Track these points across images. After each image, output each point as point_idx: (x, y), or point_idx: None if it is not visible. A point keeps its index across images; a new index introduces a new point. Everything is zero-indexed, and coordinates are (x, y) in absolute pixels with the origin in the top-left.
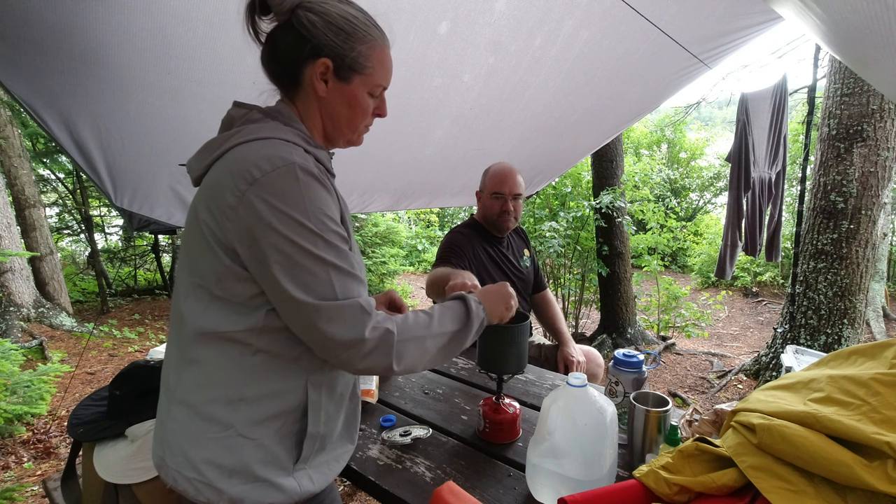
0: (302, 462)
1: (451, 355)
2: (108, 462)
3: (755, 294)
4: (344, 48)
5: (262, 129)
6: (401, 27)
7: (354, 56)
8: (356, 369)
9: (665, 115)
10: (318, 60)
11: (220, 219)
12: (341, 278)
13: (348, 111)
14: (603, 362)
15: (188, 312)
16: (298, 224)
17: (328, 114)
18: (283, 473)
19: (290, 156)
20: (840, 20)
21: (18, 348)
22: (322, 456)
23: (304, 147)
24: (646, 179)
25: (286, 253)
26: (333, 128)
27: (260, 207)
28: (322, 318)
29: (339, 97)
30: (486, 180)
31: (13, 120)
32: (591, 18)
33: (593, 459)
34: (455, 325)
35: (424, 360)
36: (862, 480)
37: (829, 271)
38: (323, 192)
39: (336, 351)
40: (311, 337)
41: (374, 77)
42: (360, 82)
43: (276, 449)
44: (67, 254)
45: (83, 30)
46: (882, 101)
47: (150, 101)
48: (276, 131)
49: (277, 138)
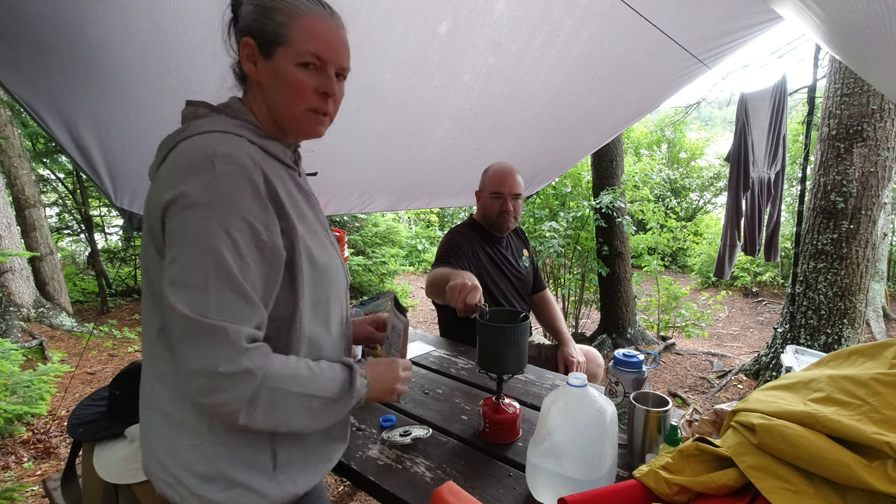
0: (283, 465)
1: (317, 424)
2: (108, 462)
3: (755, 294)
4: (265, 22)
5: (206, 123)
6: (401, 27)
7: (273, 27)
8: (202, 404)
9: (665, 115)
10: (243, 40)
11: (155, 217)
12: (225, 295)
13: (280, 91)
14: (603, 362)
15: (145, 318)
16: (200, 219)
17: (268, 98)
18: (263, 477)
19: (218, 147)
20: (840, 20)
21: (18, 348)
22: (304, 458)
23: (249, 138)
24: (646, 179)
25: (178, 247)
26: (278, 113)
27: (177, 198)
28: (185, 334)
29: (269, 76)
30: (486, 180)
31: (13, 120)
32: (591, 18)
33: (593, 459)
34: (333, 392)
35: (287, 418)
36: (862, 480)
37: (829, 271)
38: (245, 187)
39: (185, 377)
40: (175, 352)
41: (296, 45)
42: (283, 54)
43: (251, 453)
44: (67, 254)
45: (83, 30)
46: (882, 101)
47: (150, 101)
48: (220, 124)
49: (219, 131)
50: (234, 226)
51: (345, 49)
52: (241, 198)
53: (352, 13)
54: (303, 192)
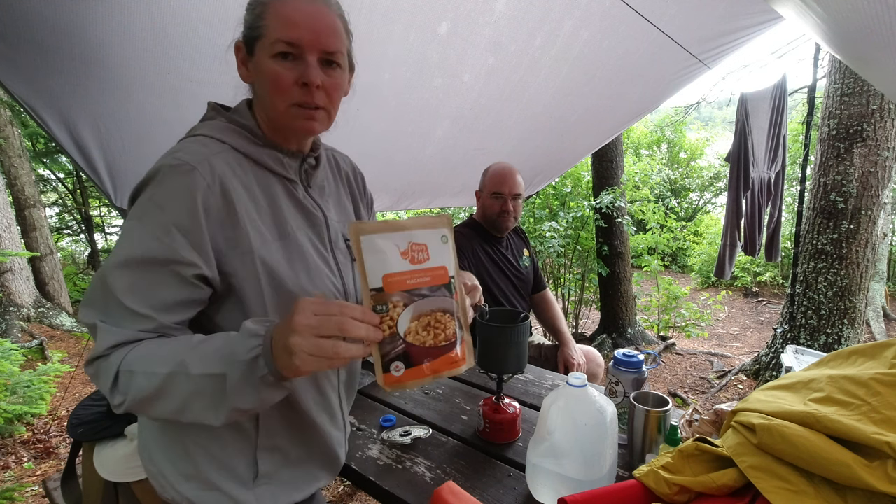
0: (264, 477)
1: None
2: (108, 461)
3: (755, 294)
4: (248, 19)
5: (201, 126)
6: (401, 27)
7: (252, 21)
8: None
9: (665, 115)
10: (235, 44)
11: None
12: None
13: (264, 87)
14: (603, 362)
15: None
16: (131, 218)
17: (260, 100)
18: (241, 487)
19: (180, 155)
20: (840, 19)
21: (18, 348)
22: (288, 473)
23: (235, 146)
24: (646, 179)
25: (111, 253)
26: (269, 114)
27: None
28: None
29: (255, 76)
30: (486, 180)
31: (13, 120)
32: (591, 18)
33: (593, 459)
34: (215, 365)
35: (159, 404)
36: (862, 480)
37: (829, 271)
38: (183, 200)
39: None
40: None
41: (270, 35)
42: (261, 48)
43: (230, 461)
44: (67, 254)
45: (83, 30)
46: (882, 101)
47: (150, 101)
48: (206, 128)
49: (201, 135)
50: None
51: (328, 29)
52: (171, 212)
53: (352, 13)
54: (301, 207)
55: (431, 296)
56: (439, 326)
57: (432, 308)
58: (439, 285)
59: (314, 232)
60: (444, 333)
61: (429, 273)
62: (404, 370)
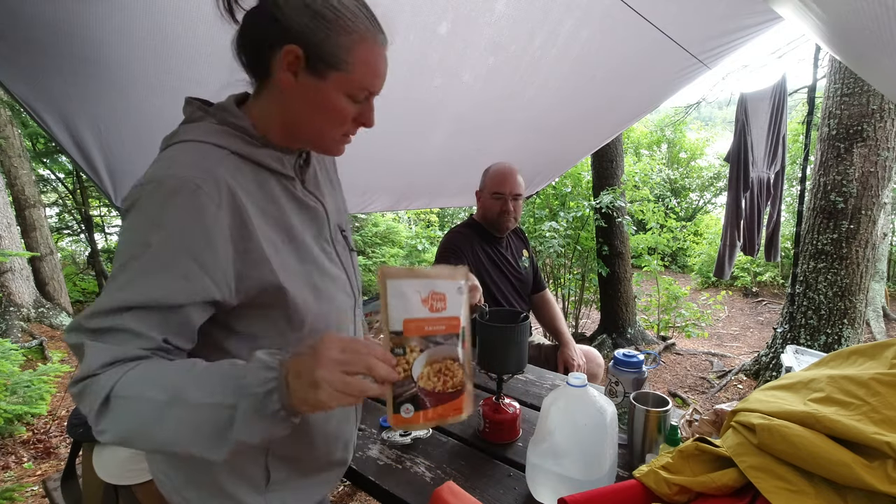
0: (276, 483)
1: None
2: (108, 463)
3: (755, 294)
4: (320, 36)
5: (191, 130)
6: (401, 27)
7: (332, 48)
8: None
9: (665, 115)
10: (287, 47)
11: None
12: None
13: (317, 113)
14: (603, 362)
15: None
16: (135, 243)
17: (292, 112)
18: (254, 493)
19: (176, 170)
20: (840, 20)
21: (18, 348)
22: (302, 480)
23: (232, 149)
24: (646, 179)
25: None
26: (300, 130)
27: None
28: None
29: (307, 94)
30: (486, 180)
31: (13, 120)
32: (591, 18)
33: (593, 459)
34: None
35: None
36: (862, 480)
37: (829, 271)
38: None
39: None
40: None
41: (355, 77)
42: (337, 80)
43: (245, 466)
44: (67, 254)
45: (83, 30)
46: (882, 101)
47: (150, 101)
48: (198, 132)
49: (199, 141)
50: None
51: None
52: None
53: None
54: (302, 204)
55: (444, 343)
56: (449, 373)
57: (444, 355)
58: (451, 334)
59: (316, 228)
60: (453, 381)
61: (444, 322)
62: (413, 412)
